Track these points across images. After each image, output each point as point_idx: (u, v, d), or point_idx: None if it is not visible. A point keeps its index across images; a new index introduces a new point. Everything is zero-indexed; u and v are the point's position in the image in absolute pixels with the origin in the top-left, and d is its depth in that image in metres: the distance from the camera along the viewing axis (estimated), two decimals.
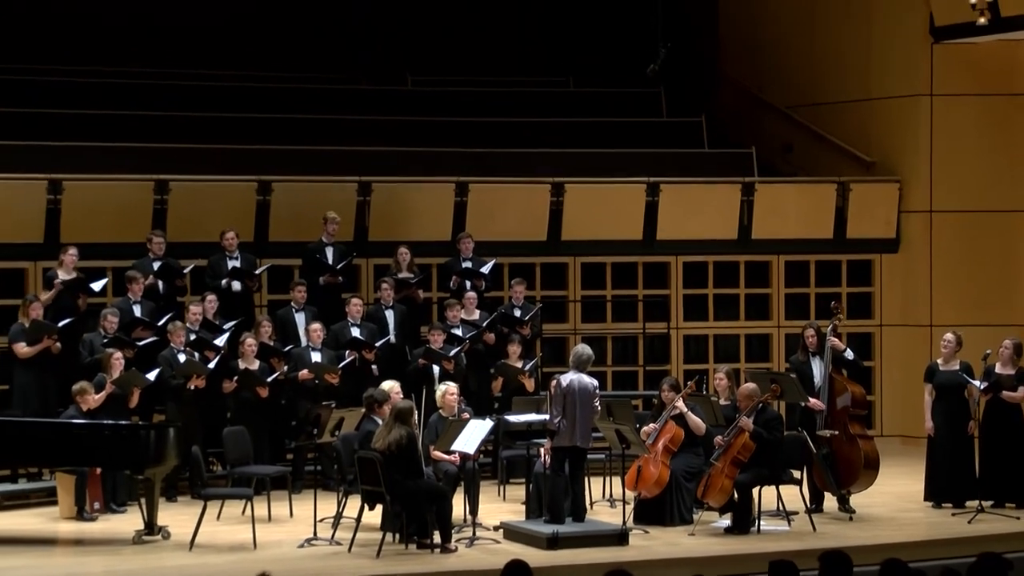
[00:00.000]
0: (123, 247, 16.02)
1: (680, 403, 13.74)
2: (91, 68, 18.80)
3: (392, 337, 15.88)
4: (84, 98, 18.30)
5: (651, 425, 13.79)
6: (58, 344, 14.94)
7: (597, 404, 13.19)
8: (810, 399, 14.27)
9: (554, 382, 13.49)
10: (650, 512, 13.61)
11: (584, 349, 13.56)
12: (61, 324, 14.92)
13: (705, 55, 21.12)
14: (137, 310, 15.30)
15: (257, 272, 16.17)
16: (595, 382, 13.36)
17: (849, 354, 14.74)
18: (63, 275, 15.39)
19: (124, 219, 16.32)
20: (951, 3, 18.10)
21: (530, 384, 15.49)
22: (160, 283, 15.72)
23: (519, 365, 15.63)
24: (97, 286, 15.50)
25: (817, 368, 14.41)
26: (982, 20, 17.51)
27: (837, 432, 14.23)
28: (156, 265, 15.70)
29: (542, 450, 13.51)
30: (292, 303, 15.88)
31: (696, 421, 13.69)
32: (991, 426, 14.28)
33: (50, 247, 15.95)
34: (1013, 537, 13.10)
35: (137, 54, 19.14)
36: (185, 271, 16.04)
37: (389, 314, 16.02)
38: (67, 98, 18.19)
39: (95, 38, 19.06)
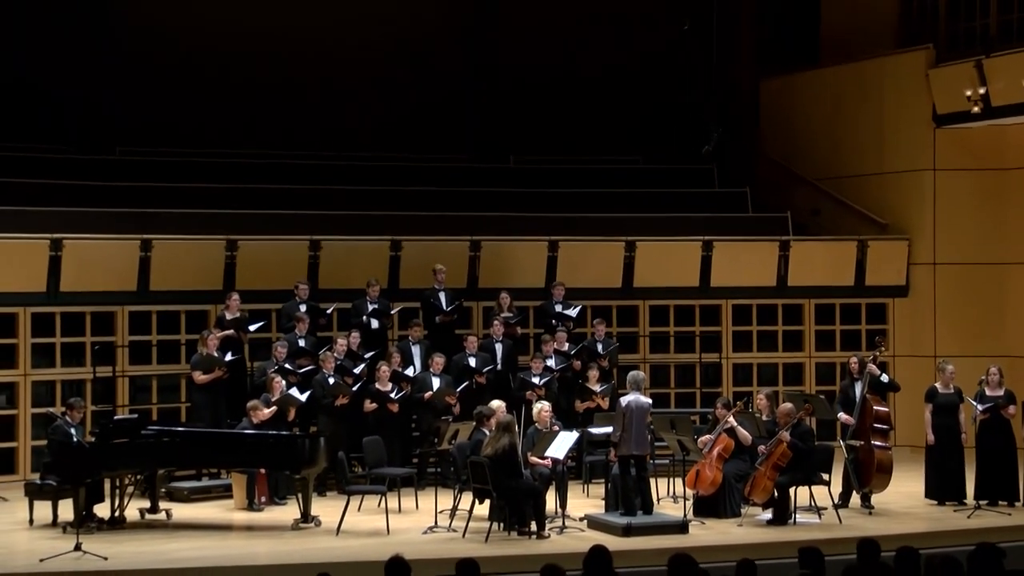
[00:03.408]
0: (283, 293, 16.15)
1: (731, 419, 13.65)
2: (261, 151, 19.03)
3: (499, 365, 15.89)
4: (255, 175, 18.48)
5: (707, 436, 13.71)
6: (227, 373, 15.10)
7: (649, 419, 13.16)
8: (842, 414, 14.18)
9: (617, 403, 13.46)
10: (706, 507, 13.52)
11: (638, 374, 13.53)
12: (228, 359, 15.08)
13: (749, 138, 21.04)
14: (302, 343, 15.44)
15: (392, 312, 16.23)
16: (649, 400, 13.32)
17: (884, 378, 14.63)
18: (229, 316, 15.59)
19: (284, 271, 16.45)
20: (950, 95, 17.97)
21: (604, 403, 15.40)
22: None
23: (596, 388, 15.57)
24: (253, 327, 15.69)
25: (859, 390, 14.32)
26: (976, 109, 17.42)
27: (863, 442, 14.09)
28: (303, 308, 15.81)
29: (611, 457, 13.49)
30: (410, 337, 15.92)
31: (744, 434, 13.59)
32: (986, 438, 14.06)
33: (227, 293, 16.09)
34: (1006, 530, 12.88)
35: (298, 140, 19.36)
36: (328, 311, 16.13)
37: (498, 347, 16.03)
38: (241, 175, 18.39)
39: (269, 126, 19.30)
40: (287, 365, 14.92)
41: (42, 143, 18.21)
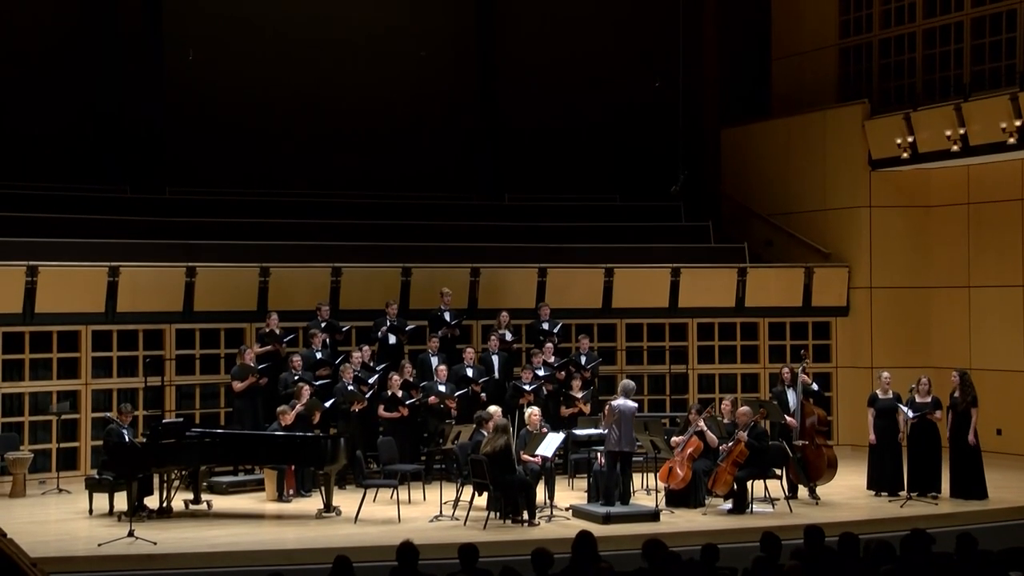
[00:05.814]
0: (309, 313, 16.06)
1: (702, 423, 13.59)
2: (289, 191, 19.02)
3: (496, 375, 15.81)
4: (284, 212, 18.45)
5: (679, 437, 13.65)
6: (264, 380, 15.00)
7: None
8: (787, 418, 14.09)
9: (608, 406, 13.39)
10: (676, 498, 13.46)
11: (628, 382, 13.50)
12: (261, 367, 15.00)
13: (711, 179, 21.03)
14: (318, 355, 15.34)
15: (407, 329, 16.14)
16: (635, 405, 13.27)
17: (815, 386, 14.62)
18: (267, 330, 15.49)
19: (310, 294, 16.36)
20: (883, 143, 18.01)
21: (586, 409, 15.33)
22: (326, 337, 15.72)
23: (578, 395, 15.50)
24: (287, 339, 15.60)
25: (791, 396, 14.29)
26: (905, 155, 17.50)
27: (807, 442, 14.04)
28: (323, 325, 15.74)
29: (599, 454, 13.41)
30: (429, 349, 15.83)
31: (712, 437, 13.54)
32: (917, 439, 14.01)
33: (259, 313, 16.03)
34: (934, 518, 12.85)
35: (322, 181, 19.37)
36: (344, 328, 16.05)
37: (495, 359, 15.96)
38: (273, 212, 18.36)
39: (297, 170, 19.33)
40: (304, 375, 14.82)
41: (103, 184, 18.28)
